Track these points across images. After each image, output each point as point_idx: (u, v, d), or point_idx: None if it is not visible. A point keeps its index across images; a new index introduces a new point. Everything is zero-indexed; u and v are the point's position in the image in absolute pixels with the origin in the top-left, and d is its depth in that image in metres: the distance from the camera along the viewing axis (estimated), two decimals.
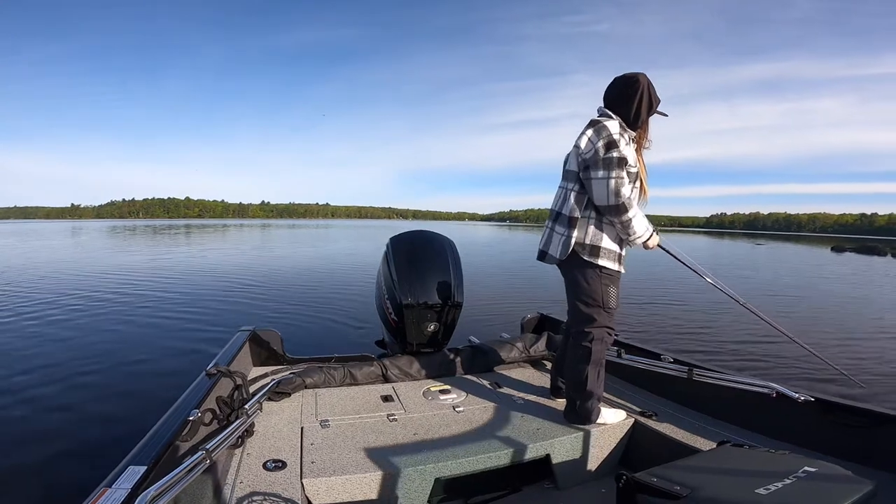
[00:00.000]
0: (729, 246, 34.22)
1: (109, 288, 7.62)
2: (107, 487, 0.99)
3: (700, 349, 4.37)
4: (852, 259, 22.70)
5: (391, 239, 2.62)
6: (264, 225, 71.78)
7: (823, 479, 0.98)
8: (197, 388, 1.62)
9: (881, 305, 8.03)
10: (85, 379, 3.56)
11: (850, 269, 16.24)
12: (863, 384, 1.91)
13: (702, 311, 5.74)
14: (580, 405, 1.76)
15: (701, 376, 1.86)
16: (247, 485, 1.32)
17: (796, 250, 30.70)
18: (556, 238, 1.79)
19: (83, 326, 5.16)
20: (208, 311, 5.88)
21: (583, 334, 1.76)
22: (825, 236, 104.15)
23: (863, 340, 5.31)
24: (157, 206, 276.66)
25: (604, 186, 1.63)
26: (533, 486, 1.68)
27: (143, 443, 1.21)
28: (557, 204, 1.83)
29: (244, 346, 2.26)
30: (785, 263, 17.92)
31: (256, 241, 22.84)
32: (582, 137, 1.69)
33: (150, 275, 9.01)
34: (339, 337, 4.66)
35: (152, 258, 12.46)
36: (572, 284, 1.79)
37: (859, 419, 1.50)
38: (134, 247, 18.74)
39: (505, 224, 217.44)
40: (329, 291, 7.19)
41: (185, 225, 64.63)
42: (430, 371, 2.30)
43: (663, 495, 0.92)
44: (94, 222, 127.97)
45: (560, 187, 1.84)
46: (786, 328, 1.94)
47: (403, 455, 1.52)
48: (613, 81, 1.77)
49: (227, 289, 7.48)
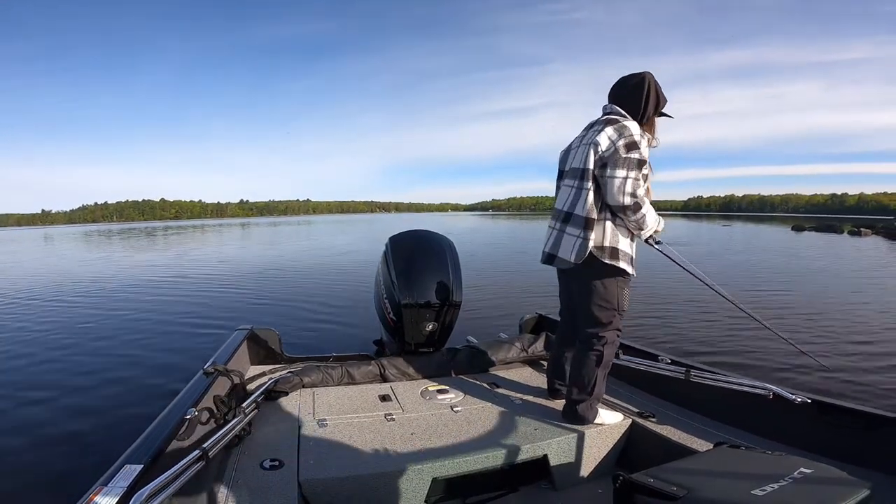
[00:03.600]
0: (702, 228, 37.94)
1: (105, 289, 7.61)
2: (102, 486, 0.98)
3: (698, 349, 4.37)
4: (811, 237, 25.05)
5: (390, 238, 2.61)
6: (244, 224, 72.20)
7: (820, 481, 0.98)
8: (194, 386, 1.62)
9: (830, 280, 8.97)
10: (82, 378, 3.55)
11: (805, 245, 18.32)
12: (825, 366, 1.94)
13: (702, 312, 5.75)
14: (582, 407, 1.75)
15: (698, 377, 1.87)
16: (243, 484, 1.32)
17: (758, 230, 33.92)
18: (569, 240, 1.71)
19: (80, 326, 5.15)
20: (206, 310, 5.88)
21: (597, 338, 1.73)
22: (798, 216, 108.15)
23: (817, 316, 5.69)
24: (131, 208, 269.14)
25: (620, 186, 1.59)
26: (530, 487, 1.68)
27: (139, 441, 1.21)
28: (566, 203, 1.74)
29: (242, 344, 2.25)
30: (747, 243, 19.66)
31: (245, 240, 22.87)
32: (601, 135, 1.63)
33: (148, 274, 9.00)
34: (338, 336, 4.66)
35: (145, 260, 12.44)
36: (586, 288, 1.71)
37: (856, 420, 1.51)
38: (121, 251, 18.68)
39: (488, 213, 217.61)
40: (327, 291, 7.18)
41: (165, 227, 64.89)
42: (429, 371, 2.30)
43: (660, 496, 0.92)
44: (67, 227, 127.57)
45: (568, 186, 1.76)
46: (757, 311, 1.92)
47: (401, 455, 1.52)
48: (622, 80, 1.75)
49: (224, 288, 7.47)
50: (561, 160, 1.89)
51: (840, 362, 3.87)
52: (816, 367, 3.41)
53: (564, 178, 1.81)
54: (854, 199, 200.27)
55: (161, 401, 1.49)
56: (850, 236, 26.15)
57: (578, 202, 1.68)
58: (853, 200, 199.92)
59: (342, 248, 13.86)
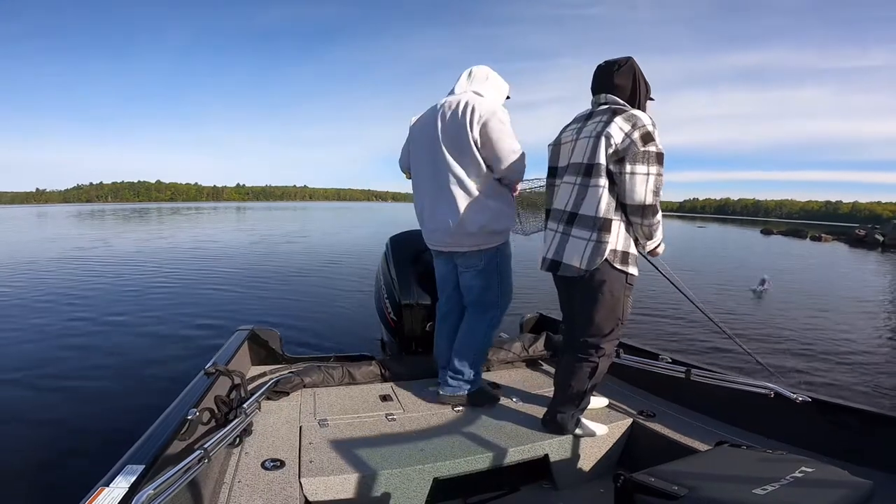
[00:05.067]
0: (684, 228, 43.28)
1: (105, 285, 7.60)
2: (104, 486, 0.98)
3: (697, 349, 4.38)
4: (774, 240, 28.19)
5: (391, 238, 2.61)
6: (240, 208, 72.74)
7: (821, 480, 0.98)
8: (195, 387, 1.62)
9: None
10: (82, 378, 3.55)
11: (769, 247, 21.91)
12: (772, 369, 2.02)
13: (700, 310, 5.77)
14: (562, 417, 1.67)
15: (699, 376, 1.87)
16: (245, 484, 1.32)
17: (729, 232, 38.14)
18: (577, 244, 1.55)
19: (79, 325, 5.15)
20: (206, 310, 5.87)
21: (595, 349, 1.62)
22: (791, 222, 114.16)
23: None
24: (126, 189, 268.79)
25: (642, 183, 1.47)
26: (531, 486, 1.68)
27: (140, 442, 1.21)
28: (569, 203, 1.58)
29: (243, 345, 2.25)
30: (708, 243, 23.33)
31: (241, 231, 22.96)
32: (611, 127, 1.48)
33: (148, 273, 8.99)
34: (338, 336, 4.66)
35: (144, 251, 12.47)
36: (591, 295, 1.57)
37: (857, 419, 1.51)
38: (122, 234, 18.81)
39: None
40: (328, 291, 7.18)
41: (157, 209, 65.47)
42: (429, 371, 2.30)
43: (661, 495, 0.92)
44: (62, 206, 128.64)
45: (568, 183, 1.60)
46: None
47: (402, 454, 1.52)
48: (606, 68, 1.61)
49: (225, 287, 7.46)
50: (552, 155, 1.75)
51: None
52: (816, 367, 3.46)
53: (562, 174, 1.66)
54: (848, 207, 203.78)
55: (162, 401, 1.49)
56: (812, 241, 28.46)
57: (586, 201, 1.53)
58: (847, 208, 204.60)
59: (342, 247, 13.87)
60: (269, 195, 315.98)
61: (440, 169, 1.84)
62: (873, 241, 26.32)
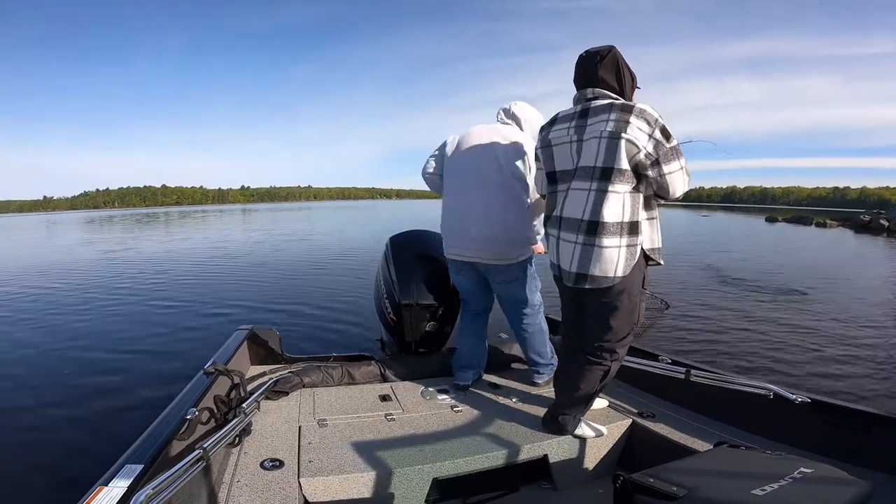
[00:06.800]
0: (687, 216, 43.68)
1: (105, 286, 7.60)
2: (103, 486, 0.98)
3: (697, 349, 4.38)
4: (779, 227, 28.29)
5: (390, 238, 2.61)
6: (245, 210, 73.12)
7: (820, 480, 0.98)
8: (194, 386, 1.62)
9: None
10: (81, 377, 3.56)
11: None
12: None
13: (700, 311, 5.76)
14: (564, 418, 1.67)
15: (698, 377, 1.87)
16: (244, 483, 1.32)
17: (734, 220, 38.19)
18: (609, 253, 1.44)
19: (79, 325, 5.15)
20: (206, 309, 5.87)
21: (609, 353, 1.58)
22: (798, 209, 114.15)
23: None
24: (132, 194, 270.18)
25: (680, 179, 1.44)
26: (530, 487, 1.68)
27: (139, 441, 1.21)
28: (586, 211, 1.46)
29: (242, 344, 2.25)
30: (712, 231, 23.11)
31: (246, 231, 23.02)
32: (631, 129, 1.39)
33: (147, 272, 9.00)
34: (338, 336, 4.66)
35: (144, 256, 12.45)
36: (611, 302, 1.50)
37: (856, 420, 1.51)
38: (127, 240, 18.80)
39: None
40: (328, 291, 7.17)
41: (165, 213, 65.74)
42: (429, 371, 2.30)
43: (660, 496, 0.92)
44: (70, 214, 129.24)
45: (581, 190, 1.49)
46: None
47: (401, 455, 1.52)
48: (589, 60, 1.53)
49: (225, 287, 7.46)
50: (545, 159, 1.64)
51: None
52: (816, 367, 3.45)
53: (567, 179, 1.55)
54: (856, 193, 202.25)
55: (161, 401, 1.49)
56: (817, 227, 28.19)
57: (607, 208, 1.43)
58: (855, 194, 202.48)
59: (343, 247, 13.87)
60: (273, 196, 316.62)
61: (489, 184, 1.98)
62: (878, 227, 25.80)
